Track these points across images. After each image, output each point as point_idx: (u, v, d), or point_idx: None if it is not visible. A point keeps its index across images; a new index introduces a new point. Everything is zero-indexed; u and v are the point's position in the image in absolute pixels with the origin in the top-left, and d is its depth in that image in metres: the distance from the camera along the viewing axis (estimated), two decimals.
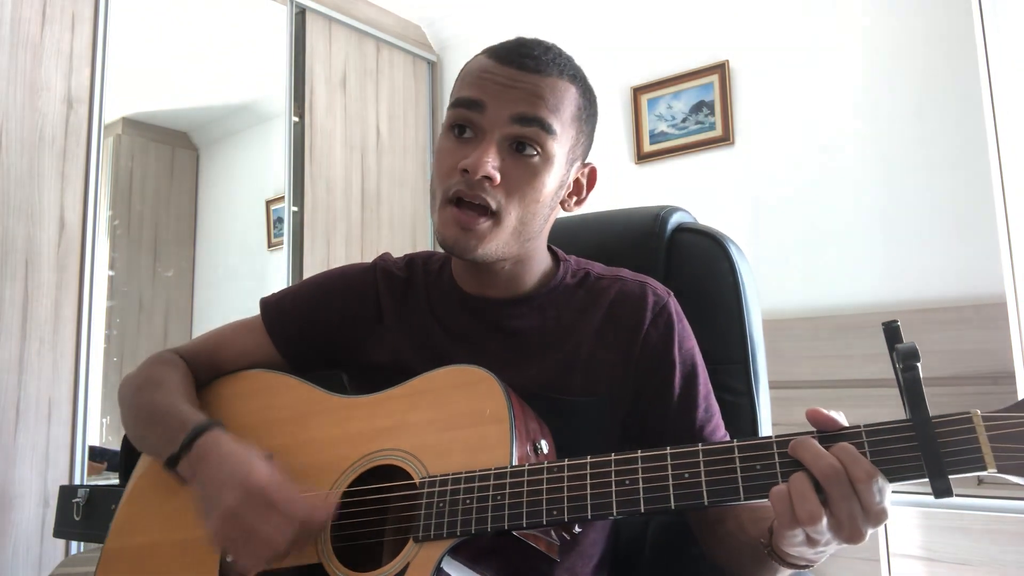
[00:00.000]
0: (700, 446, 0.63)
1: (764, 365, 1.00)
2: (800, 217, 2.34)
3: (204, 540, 0.78)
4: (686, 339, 0.88)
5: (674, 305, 0.89)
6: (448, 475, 0.70)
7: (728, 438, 0.87)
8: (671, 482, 0.63)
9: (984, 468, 0.54)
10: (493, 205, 0.79)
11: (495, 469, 0.69)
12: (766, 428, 0.98)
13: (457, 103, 0.83)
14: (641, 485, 0.63)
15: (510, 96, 0.80)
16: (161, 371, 0.91)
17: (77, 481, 2.02)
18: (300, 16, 2.82)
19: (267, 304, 0.97)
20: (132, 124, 2.58)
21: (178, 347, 0.97)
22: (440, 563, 0.67)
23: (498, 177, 0.78)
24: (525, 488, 0.67)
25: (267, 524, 0.70)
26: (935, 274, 2.07)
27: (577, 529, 0.76)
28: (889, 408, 0.65)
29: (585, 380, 0.85)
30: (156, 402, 0.85)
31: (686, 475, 0.62)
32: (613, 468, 0.65)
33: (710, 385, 0.89)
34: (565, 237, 0.99)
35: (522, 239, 0.83)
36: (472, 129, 0.81)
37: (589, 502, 0.64)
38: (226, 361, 0.95)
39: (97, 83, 2.15)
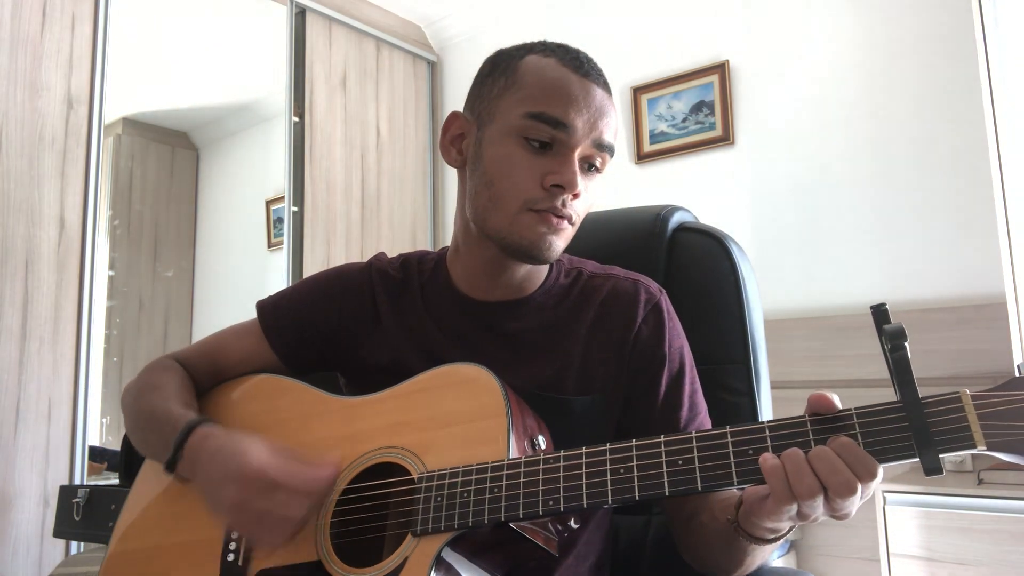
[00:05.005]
0: (694, 433, 0.64)
1: (766, 365, 0.99)
2: (800, 217, 2.34)
3: (204, 541, 0.80)
4: (675, 337, 0.89)
5: (666, 303, 0.89)
6: (446, 469, 0.71)
7: None
8: (665, 469, 0.64)
9: (974, 446, 0.55)
10: (574, 216, 0.83)
11: (492, 462, 0.69)
12: None
13: (541, 118, 0.80)
14: (636, 473, 0.64)
15: (591, 118, 0.81)
16: (158, 376, 0.92)
17: (77, 481, 2.02)
18: (300, 16, 2.82)
19: (263, 308, 0.97)
20: (132, 124, 2.58)
21: (176, 352, 0.97)
22: (438, 556, 0.67)
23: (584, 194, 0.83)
24: (521, 480, 0.67)
25: (276, 504, 0.71)
26: (935, 274, 2.07)
27: (575, 524, 0.76)
28: None
29: (580, 379, 0.86)
30: (153, 406, 0.86)
31: (680, 462, 0.63)
32: (608, 457, 0.66)
33: (698, 384, 0.89)
34: None
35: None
36: (553, 144, 0.81)
37: (584, 491, 0.65)
38: (227, 366, 0.95)
39: (97, 83, 2.16)
